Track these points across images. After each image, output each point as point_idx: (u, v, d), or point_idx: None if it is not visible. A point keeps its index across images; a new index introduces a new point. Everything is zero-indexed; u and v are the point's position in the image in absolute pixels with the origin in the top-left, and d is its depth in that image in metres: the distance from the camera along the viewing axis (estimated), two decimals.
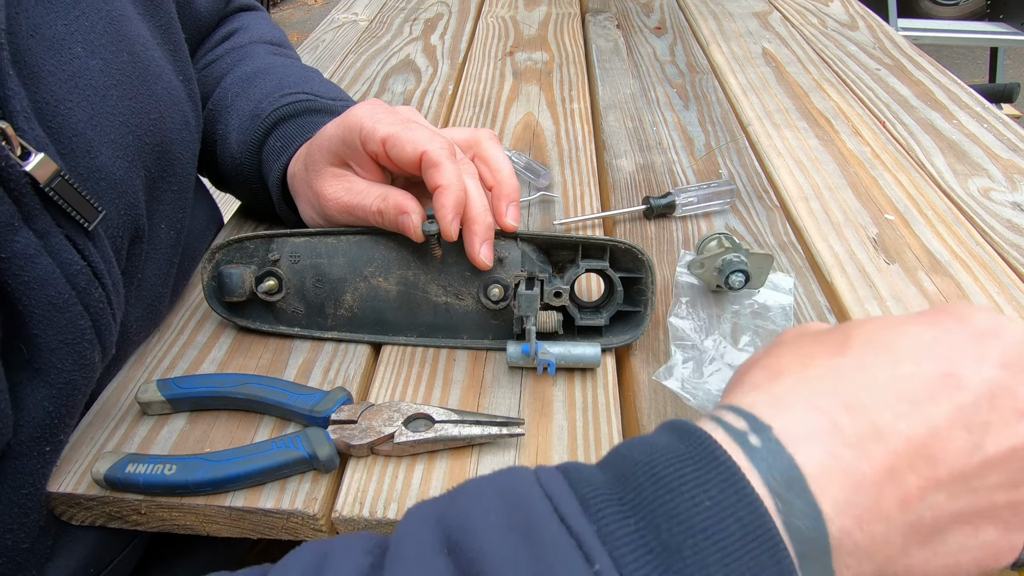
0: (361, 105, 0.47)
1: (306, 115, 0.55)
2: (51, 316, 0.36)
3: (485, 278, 0.48)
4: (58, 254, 0.37)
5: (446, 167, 0.43)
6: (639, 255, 0.46)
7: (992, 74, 2.39)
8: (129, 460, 0.39)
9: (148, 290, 0.48)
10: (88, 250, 0.39)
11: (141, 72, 0.45)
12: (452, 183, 0.42)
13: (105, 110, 0.41)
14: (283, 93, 0.56)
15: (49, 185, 0.35)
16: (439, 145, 0.43)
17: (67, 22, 0.40)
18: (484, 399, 0.45)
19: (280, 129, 0.55)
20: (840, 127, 0.80)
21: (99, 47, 0.42)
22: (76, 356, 0.38)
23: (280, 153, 0.54)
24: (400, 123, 0.45)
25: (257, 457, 0.39)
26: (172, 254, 0.50)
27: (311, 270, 0.49)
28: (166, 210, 0.49)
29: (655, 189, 0.68)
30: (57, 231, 0.37)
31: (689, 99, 0.87)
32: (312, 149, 0.50)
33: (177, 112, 0.49)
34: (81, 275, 0.38)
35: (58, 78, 0.38)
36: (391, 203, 0.45)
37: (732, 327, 0.50)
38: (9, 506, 0.37)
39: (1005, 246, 0.60)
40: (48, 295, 0.36)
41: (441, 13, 1.17)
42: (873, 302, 0.53)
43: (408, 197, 0.45)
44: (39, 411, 0.37)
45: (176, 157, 0.49)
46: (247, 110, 0.56)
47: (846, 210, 0.64)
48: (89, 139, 0.40)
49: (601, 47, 1.03)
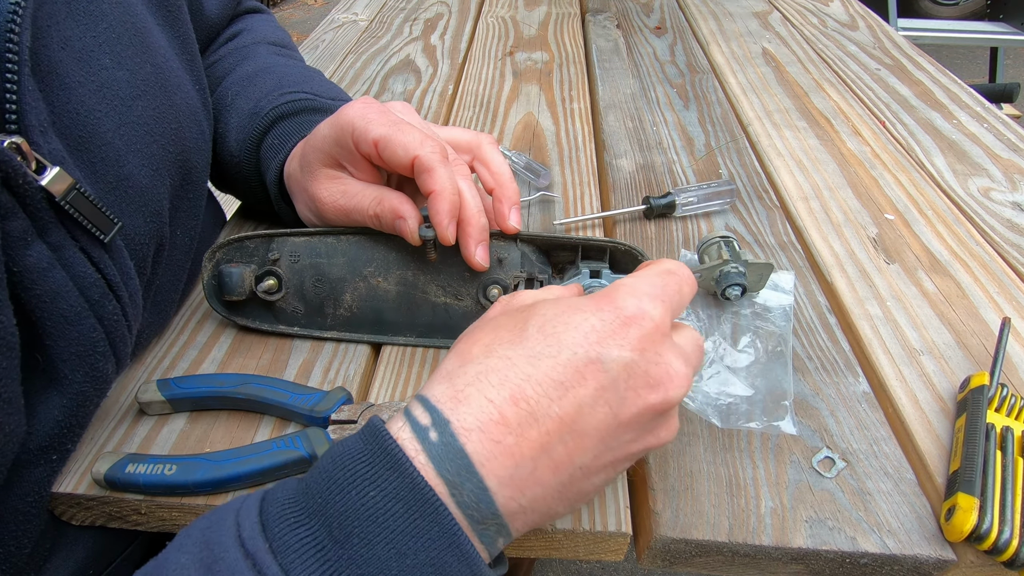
0: (352, 104, 0.47)
1: (304, 114, 0.55)
2: (63, 329, 0.36)
3: (484, 279, 0.48)
4: (72, 267, 0.36)
5: (439, 172, 0.43)
6: (639, 256, 0.46)
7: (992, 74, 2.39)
8: (129, 460, 0.39)
9: (161, 296, 0.48)
10: (103, 262, 0.38)
11: (163, 83, 0.46)
12: (445, 188, 0.43)
13: (131, 119, 0.42)
14: (282, 92, 0.56)
15: (65, 199, 0.35)
16: (431, 149, 0.43)
17: (95, 34, 0.41)
18: None
19: (278, 127, 0.55)
20: (840, 127, 0.80)
21: (125, 58, 0.42)
22: (88, 368, 0.38)
23: (277, 151, 0.54)
24: (392, 124, 0.44)
25: (257, 457, 0.39)
26: (184, 260, 0.50)
27: (311, 270, 0.49)
28: (183, 218, 0.49)
29: (655, 189, 0.68)
30: (71, 244, 0.36)
31: (689, 99, 0.87)
32: (307, 150, 0.49)
33: (194, 123, 0.50)
34: (95, 287, 0.38)
35: (87, 88, 0.39)
36: (387, 207, 0.45)
37: (732, 328, 0.50)
38: (13, 513, 0.37)
39: (1005, 246, 0.60)
40: (60, 308, 0.36)
41: (441, 13, 1.17)
42: (873, 302, 0.53)
43: (404, 200, 0.45)
44: (49, 420, 0.37)
45: (194, 166, 0.49)
46: (246, 109, 0.56)
47: (846, 210, 0.64)
48: (117, 148, 0.40)
49: (601, 47, 1.03)
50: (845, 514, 0.39)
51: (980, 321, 0.52)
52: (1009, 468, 0.38)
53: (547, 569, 1.37)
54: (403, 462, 0.28)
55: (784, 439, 0.43)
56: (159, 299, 0.48)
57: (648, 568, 0.52)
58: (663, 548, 0.38)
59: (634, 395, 0.31)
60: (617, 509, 0.39)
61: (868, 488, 0.40)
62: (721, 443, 0.42)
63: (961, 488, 0.37)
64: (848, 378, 0.47)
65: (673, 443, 0.42)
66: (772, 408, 0.44)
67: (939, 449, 0.42)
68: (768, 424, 0.43)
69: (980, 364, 0.48)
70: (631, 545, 0.39)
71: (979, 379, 0.43)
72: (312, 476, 0.29)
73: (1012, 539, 0.35)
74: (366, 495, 0.27)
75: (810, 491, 0.40)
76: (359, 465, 0.28)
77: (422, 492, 0.27)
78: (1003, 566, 0.36)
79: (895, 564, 0.37)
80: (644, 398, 0.31)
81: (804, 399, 0.45)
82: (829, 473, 0.41)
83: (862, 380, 0.47)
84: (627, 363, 0.31)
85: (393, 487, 0.27)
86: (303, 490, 0.29)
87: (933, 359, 0.49)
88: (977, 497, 0.37)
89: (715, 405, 0.44)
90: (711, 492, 0.40)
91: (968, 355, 0.49)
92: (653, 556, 0.39)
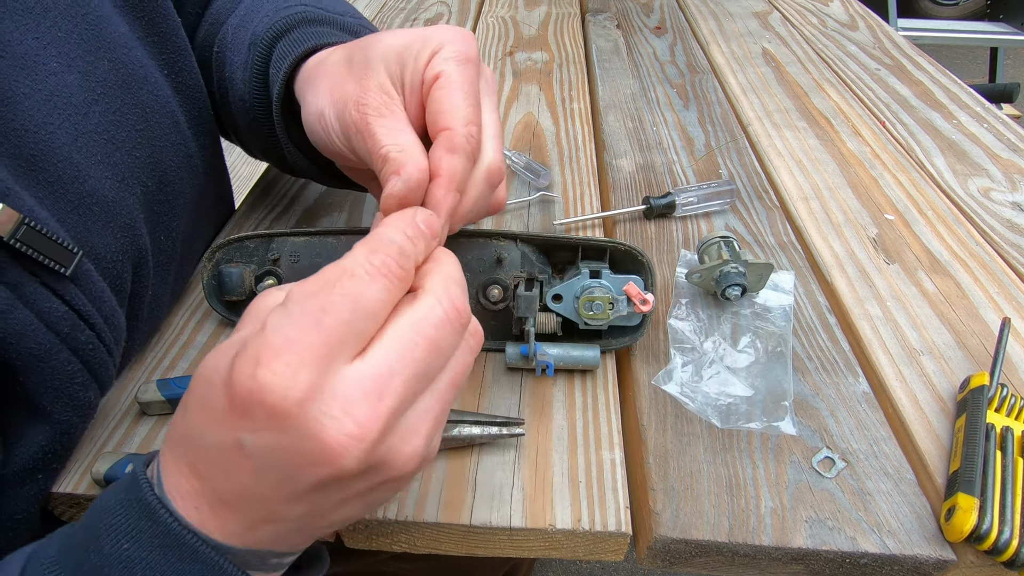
0: (451, 28, 0.38)
1: (304, 26, 0.47)
2: (35, 365, 0.34)
3: (484, 279, 0.48)
4: (34, 303, 0.34)
5: (455, 160, 0.35)
6: (638, 256, 0.46)
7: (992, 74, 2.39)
8: (129, 460, 0.39)
9: (154, 306, 0.47)
10: (69, 293, 0.36)
11: (124, 79, 0.42)
12: (449, 174, 0.35)
13: (88, 129, 0.38)
14: (277, 10, 0.49)
15: (14, 236, 0.32)
16: (465, 137, 0.35)
17: (38, 35, 0.37)
18: (484, 399, 0.45)
19: (279, 49, 0.47)
20: (840, 127, 0.80)
21: (76, 58, 0.39)
22: (68, 399, 0.37)
23: (278, 68, 0.46)
24: (464, 78, 0.36)
25: None
26: (168, 262, 0.49)
27: (310, 270, 0.49)
28: (163, 223, 0.47)
29: (655, 189, 0.68)
30: (30, 280, 0.34)
31: (689, 99, 0.87)
32: (368, 50, 0.39)
33: (164, 115, 0.46)
34: (63, 321, 0.35)
35: (34, 100, 0.36)
36: (401, 157, 0.35)
37: (732, 328, 0.50)
38: (4, 531, 0.37)
39: (1005, 246, 0.60)
40: (28, 347, 0.34)
41: (441, 13, 1.17)
42: (873, 302, 0.53)
43: (422, 170, 0.35)
44: (33, 446, 0.36)
45: (168, 166, 0.46)
46: (245, 41, 0.50)
47: (846, 210, 0.64)
48: (76, 163, 0.37)
49: (601, 47, 1.03)
50: (845, 514, 0.39)
51: (980, 321, 0.52)
52: (1009, 468, 0.38)
53: (547, 569, 1.37)
54: (140, 491, 0.27)
55: (784, 439, 0.43)
56: (153, 310, 0.47)
57: (648, 568, 0.52)
58: (663, 548, 0.38)
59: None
60: (617, 509, 0.39)
61: (868, 488, 0.40)
62: (721, 443, 0.42)
63: (961, 488, 0.37)
64: (848, 378, 0.47)
65: (673, 443, 0.42)
66: (772, 408, 0.44)
67: (939, 449, 0.42)
68: (768, 424, 0.43)
69: (980, 364, 0.48)
70: (631, 545, 0.39)
71: (979, 379, 0.43)
72: (73, 530, 0.29)
73: (1012, 539, 0.35)
74: (119, 547, 0.26)
75: (810, 491, 0.40)
76: (115, 517, 0.27)
77: (141, 499, 0.27)
78: (1003, 566, 0.36)
79: (895, 564, 0.37)
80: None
81: (804, 399, 0.45)
82: (829, 473, 0.41)
83: (862, 380, 0.47)
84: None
85: (128, 501, 0.27)
86: (64, 548, 0.28)
87: (933, 359, 0.49)
88: (977, 497, 0.37)
89: (715, 405, 0.44)
90: (711, 492, 0.40)
91: (968, 355, 0.49)
92: (653, 556, 0.39)
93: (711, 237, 0.53)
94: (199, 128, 0.52)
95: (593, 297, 0.44)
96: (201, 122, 0.52)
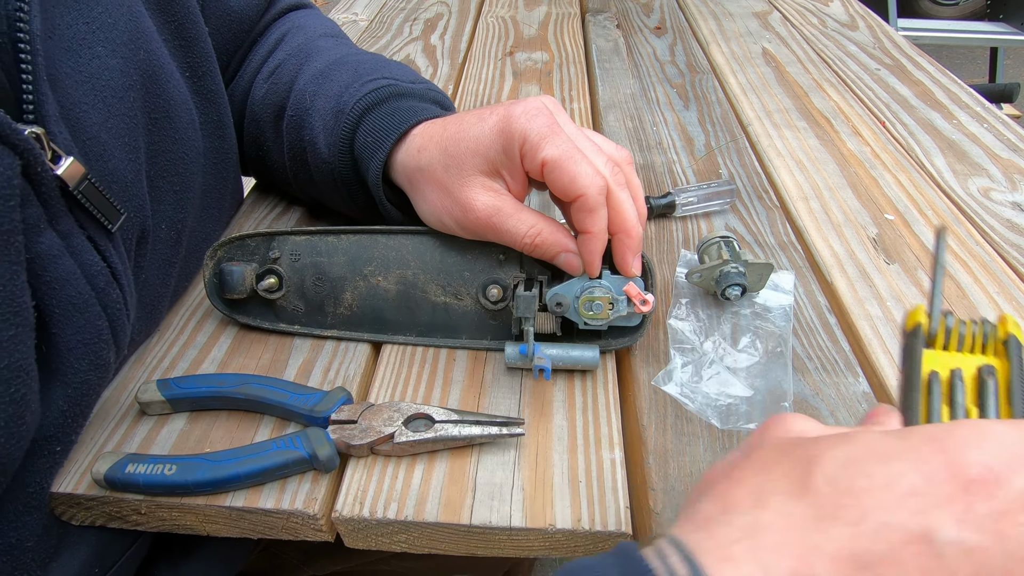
0: (525, 110, 0.43)
1: (392, 100, 0.51)
2: (70, 316, 0.37)
3: (484, 279, 0.48)
4: (79, 255, 0.37)
5: (599, 214, 0.42)
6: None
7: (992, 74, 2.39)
8: (129, 460, 0.39)
9: (148, 292, 0.48)
10: (108, 251, 0.39)
11: (156, 70, 0.45)
12: (601, 232, 0.42)
13: (121, 111, 0.41)
14: (362, 82, 0.53)
15: (78, 188, 0.36)
16: (598, 190, 0.41)
17: (88, 20, 0.40)
18: (484, 399, 0.45)
19: (368, 121, 0.51)
20: (840, 127, 0.80)
21: (120, 45, 0.42)
22: (92, 356, 0.39)
23: (374, 149, 0.50)
24: (565, 146, 0.42)
25: (257, 457, 0.39)
26: (172, 255, 0.50)
27: (311, 268, 0.49)
28: (167, 211, 0.48)
29: (655, 189, 0.68)
30: (79, 232, 0.37)
31: (689, 99, 0.87)
32: (459, 150, 0.45)
33: (184, 111, 0.49)
34: (100, 276, 0.38)
35: (75, 80, 0.38)
36: (550, 240, 0.44)
37: (732, 328, 0.50)
38: (14, 503, 0.37)
39: (1005, 246, 0.60)
40: (68, 295, 0.36)
41: (441, 13, 1.17)
42: (873, 302, 0.53)
43: (565, 233, 0.44)
44: (54, 410, 0.37)
45: (180, 157, 0.49)
46: (329, 108, 0.53)
47: (846, 210, 0.64)
48: (103, 142, 0.40)
49: (601, 47, 1.03)
50: None
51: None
52: None
53: (547, 569, 1.37)
54: None
55: None
56: (146, 295, 0.47)
57: None
58: None
59: None
60: (617, 509, 0.39)
61: None
62: (721, 443, 0.42)
63: None
64: (848, 378, 0.47)
65: (673, 443, 0.42)
66: (772, 409, 0.44)
67: None
68: None
69: None
70: None
71: (914, 317, 0.32)
72: None
73: None
74: None
75: None
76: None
77: None
78: None
79: None
80: None
81: (804, 399, 0.45)
82: None
83: (862, 380, 0.47)
84: (972, 549, 0.21)
85: None
86: None
87: None
88: None
89: (715, 406, 0.44)
90: None
91: None
92: None
93: (711, 237, 0.53)
94: (213, 132, 0.55)
95: (593, 297, 0.44)
96: (217, 127, 0.55)
